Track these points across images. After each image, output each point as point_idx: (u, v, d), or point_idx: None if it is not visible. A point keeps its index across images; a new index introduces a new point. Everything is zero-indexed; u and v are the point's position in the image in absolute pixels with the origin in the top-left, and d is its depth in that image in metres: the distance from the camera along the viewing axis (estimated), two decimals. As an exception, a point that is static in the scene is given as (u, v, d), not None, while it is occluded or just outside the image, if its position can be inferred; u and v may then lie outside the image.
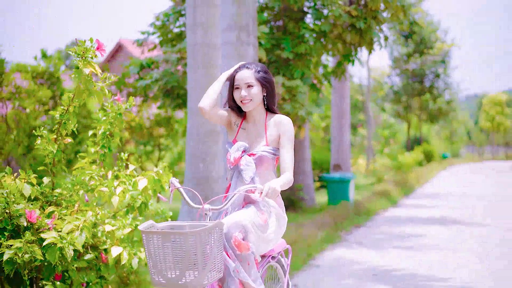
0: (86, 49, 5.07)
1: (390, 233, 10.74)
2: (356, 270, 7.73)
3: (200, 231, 3.29)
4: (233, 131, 4.12)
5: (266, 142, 3.97)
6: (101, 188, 5.21)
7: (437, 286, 6.88)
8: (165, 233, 3.34)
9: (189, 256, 3.31)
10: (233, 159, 3.95)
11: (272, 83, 4.03)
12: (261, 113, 4.07)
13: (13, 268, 4.58)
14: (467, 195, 17.95)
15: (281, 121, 3.99)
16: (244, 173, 3.92)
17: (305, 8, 11.76)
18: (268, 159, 3.96)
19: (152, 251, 3.39)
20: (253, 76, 3.97)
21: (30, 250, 4.59)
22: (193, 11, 8.13)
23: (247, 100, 3.95)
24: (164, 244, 3.35)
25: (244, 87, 3.95)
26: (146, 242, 3.40)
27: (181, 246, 3.32)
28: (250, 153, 3.97)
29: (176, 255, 3.34)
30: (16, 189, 4.86)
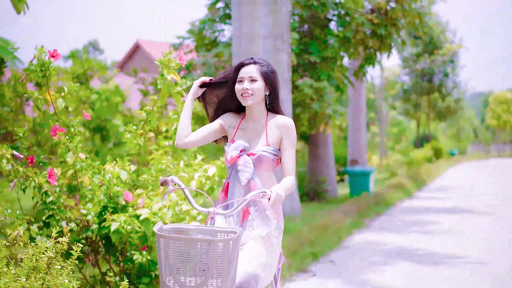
0: (170, 60, 6.19)
1: (408, 220, 11.86)
2: (382, 250, 8.82)
3: (230, 239, 3.13)
4: (230, 133, 3.92)
5: (267, 142, 3.79)
6: (182, 173, 6.30)
7: (454, 261, 7.97)
8: (191, 239, 3.13)
9: (216, 264, 3.13)
10: (230, 158, 3.75)
11: (276, 82, 3.85)
12: (262, 112, 3.87)
13: (118, 238, 5.69)
14: (476, 189, 19.07)
15: (285, 123, 3.81)
16: (240, 174, 3.72)
17: (330, 15, 12.83)
18: (268, 159, 3.78)
19: (171, 256, 3.17)
20: (259, 71, 3.79)
21: (131, 223, 5.69)
22: (239, 24, 9.21)
23: (248, 94, 3.76)
24: (189, 251, 3.14)
25: (247, 80, 3.77)
26: (165, 247, 3.17)
27: (207, 253, 3.13)
28: (250, 153, 3.78)
29: (200, 262, 3.15)
30: (115, 174, 5.96)
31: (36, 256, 4.27)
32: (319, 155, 14.72)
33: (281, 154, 3.80)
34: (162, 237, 3.18)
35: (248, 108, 3.88)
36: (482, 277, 7.15)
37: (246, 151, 3.79)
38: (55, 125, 6.14)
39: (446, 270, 7.52)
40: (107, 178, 5.91)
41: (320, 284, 6.92)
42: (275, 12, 9.88)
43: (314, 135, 14.44)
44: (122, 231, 5.62)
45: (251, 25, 9.15)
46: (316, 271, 7.50)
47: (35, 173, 5.99)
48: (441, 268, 7.63)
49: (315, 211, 11.88)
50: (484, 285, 6.78)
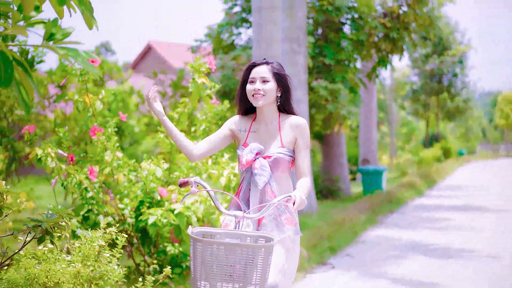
0: (200, 65, 6.63)
1: (421, 217, 12.27)
2: (397, 244, 9.24)
3: (270, 245, 3.05)
4: (242, 137, 3.82)
5: (281, 143, 3.71)
6: (211, 170, 6.74)
7: (467, 255, 8.39)
8: (231, 244, 3.03)
9: (256, 270, 3.06)
10: (245, 161, 3.63)
11: (288, 84, 3.76)
12: (274, 113, 3.79)
13: (155, 230, 6.13)
14: (485, 187, 19.46)
15: (299, 124, 3.74)
16: (257, 178, 3.61)
17: (343, 19, 13.25)
18: (284, 161, 3.69)
19: (208, 261, 3.06)
20: (271, 72, 3.72)
21: (167, 217, 6.14)
22: (258, 29, 9.64)
23: (260, 95, 3.67)
24: (227, 256, 3.04)
25: (259, 81, 3.69)
26: (202, 251, 3.06)
27: (248, 259, 3.04)
28: (265, 156, 3.68)
29: (239, 268, 3.06)
30: (152, 171, 6.41)
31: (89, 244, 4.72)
32: (332, 155, 15.20)
33: (295, 155, 3.73)
34: (199, 241, 3.05)
35: (259, 109, 3.79)
36: (492, 269, 7.57)
37: (261, 154, 3.69)
38: (94, 125, 6.61)
39: (458, 262, 7.93)
40: (144, 175, 6.37)
41: (338, 275, 7.33)
42: (292, 17, 10.31)
43: (328, 135, 14.91)
44: (158, 224, 6.07)
45: (270, 29, 9.58)
46: (335, 264, 7.92)
47: (76, 171, 6.45)
48: (453, 261, 8.04)
49: (330, 208, 12.30)
50: (494, 276, 7.19)
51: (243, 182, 3.72)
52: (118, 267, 4.76)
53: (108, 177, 6.68)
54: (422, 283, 6.89)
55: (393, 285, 6.82)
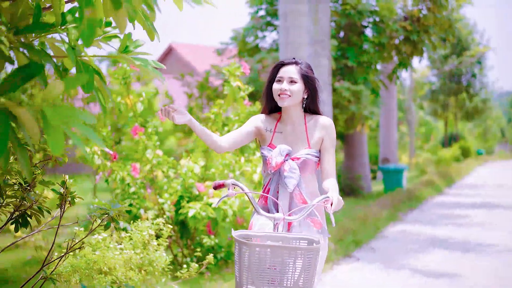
0: (235, 69, 7.10)
1: (440, 214, 12.67)
2: (418, 239, 9.65)
3: (318, 247, 3.00)
4: (267, 137, 3.77)
5: (309, 145, 3.67)
6: (245, 168, 7.21)
7: (485, 249, 8.79)
8: (280, 247, 2.95)
9: (304, 274, 3.00)
10: (275, 164, 3.56)
11: (316, 85, 3.72)
12: (300, 114, 3.74)
13: (195, 223, 6.61)
14: (504, 186, 19.76)
15: (326, 123, 3.71)
16: (287, 181, 3.56)
17: (365, 23, 13.67)
18: (312, 163, 3.65)
19: (255, 265, 2.98)
20: (299, 72, 3.66)
21: (206, 210, 6.61)
22: (285, 33, 10.09)
23: (286, 95, 3.62)
24: (275, 260, 2.96)
25: (287, 81, 3.64)
26: (249, 254, 2.98)
27: (296, 262, 2.98)
28: (293, 157, 3.64)
29: (287, 271, 2.99)
30: (191, 168, 6.89)
31: (139, 234, 5.21)
32: (354, 154, 15.68)
33: (321, 155, 3.70)
34: (246, 244, 2.97)
35: (285, 110, 3.74)
36: (509, 262, 7.96)
37: (289, 155, 3.63)
38: (135, 125, 7.11)
39: (476, 256, 8.34)
40: (183, 172, 6.87)
41: (363, 267, 7.77)
42: (317, 21, 10.75)
43: (350, 135, 15.38)
44: (197, 216, 6.55)
45: (296, 34, 10.02)
46: (359, 257, 8.36)
47: (119, 167, 6.96)
48: (471, 254, 8.45)
49: (353, 205, 12.73)
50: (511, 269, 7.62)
51: (271, 184, 3.65)
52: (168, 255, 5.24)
53: (148, 173, 7.16)
54: (442, 274, 7.31)
55: (414, 276, 7.24)
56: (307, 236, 3.24)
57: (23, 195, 3.78)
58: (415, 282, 6.94)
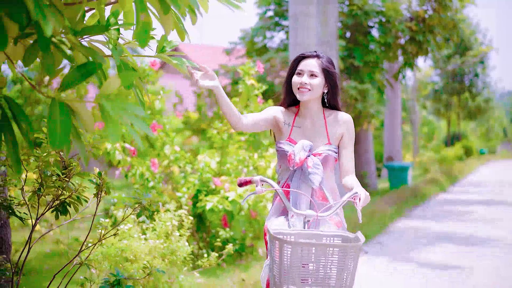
0: (250, 67, 7.39)
1: (445, 210, 12.97)
2: (424, 234, 9.94)
3: (361, 245, 2.92)
4: (285, 130, 3.67)
5: (328, 140, 3.61)
6: (259, 163, 7.50)
7: (488, 243, 9.08)
8: (322, 245, 2.88)
9: (347, 272, 2.92)
10: (298, 160, 3.48)
11: (336, 80, 3.63)
12: (319, 109, 3.67)
13: (212, 215, 6.89)
14: (506, 184, 20.04)
15: (346, 119, 3.66)
16: (312, 177, 3.48)
17: (371, 23, 13.97)
18: (332, 158, 3.60)
19: (295, 264, 2.90)
20: (320, 66, 3.57)
21: (222, 203, 6.90)
22: (295, 34, 10.38)
23: (306, 89, 3.54)
24: (318, 258, 2.89)
25: (307, 74, 3.55)
26: (291, 253, 2.89)
27: (338, 260, 2.90)
28: (315, 153, 3.57)
29: (330, 270, 2.92)
30: (208, 164, 7.18)
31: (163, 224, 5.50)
32: (360, 151, 15.99)
33: (340, 151, 3.66)
34: (287, 243, 2.88)
35: (304, 104, 3.67)
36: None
37: (311, 151, 3.56)
38: (153, 122, 7.40)
39: (481, 250, 8.62)
40: (200, 167, 7.16)
41: (371, 260, 8.05)
42: (324, 22, 11.05)
43: (356, 132, 15.67)
44: (215, 209, 6.84)
45: (305, 35, 10.32)
46: (368, 250, 8.64)
47: (139, 163, 7.24)
48: (476, 248, 8.73)
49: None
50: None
51: (293, 181, 3.56)
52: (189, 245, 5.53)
53: (165, 169, 7.46)
54: (447, 267, 7.58)
55: (421, 268, 7.51)
56: (340, 233, 3.18)
57: (62, 185, 4.07)
58: (421, 275, 7.21)
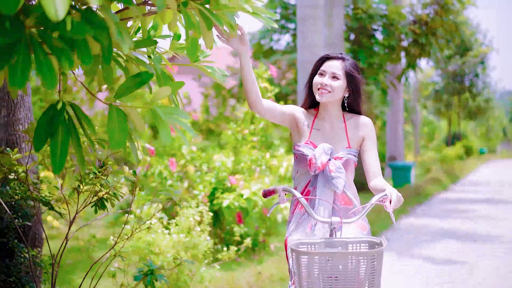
0: (263, 71, 7.74)
1: (447, 208, 13.34)
2: (428, 231, 10.30)
3: (381, 250, 2.87)
4: (304, 132, 3.58)
5: (349, 144, 3.53)
6: (272, 162, 7.86)
7: (490, 240, 9.44)
8: (340, 253, 2.86)
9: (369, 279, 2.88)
10: (320, 164, 3.38)
11: (359, 84, 3.55)
12: (339, 112, 3.58)
13: (228, 212, 7.24)
14: (507, 183, 20.42)
15: (365, 122, 3.58)
16: (336, 181, 3.39)
17: (376, 26, 14.33)
18: (352, 162, 3.51)
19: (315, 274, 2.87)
20: (343, 69, 3.48)
21: (238, 201, 7.25)
22: (302, 36, 10.72)
23: (326, 91, 3.45)
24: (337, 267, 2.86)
25: (329, 76, 3.46)
26: (308, 264, 2.86)
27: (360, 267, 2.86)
28: (335, 157, 3.47)
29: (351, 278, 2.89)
30: (224, 163, 7.53)
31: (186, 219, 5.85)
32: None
33: (364, 154, 3.56)
34: (304, 253, 2.85)
35: (323, 106, 3.58)
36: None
37: (331, 155, 3.47)
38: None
39: (484, 246, 8.98)
40: (217, 166, 7.52)
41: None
42: (331, 25, 11.40)
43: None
44: (231, 206, 7.19)
45: (313, 37, 10.67)
46: (374, 246, 8.99)
47: (157, 162, 7.59)
48: (479, 244, 9.09)
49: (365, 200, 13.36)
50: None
51: (316, 186, 3.47)
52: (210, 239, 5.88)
53: (182, 168, 7.81)
54: (451, 261, 7.94)
55: (425, 263, 7.87)
56: (367, 239, 3.12)
57: (100, 182, 4.42)
58: (427, 269, 7.57)
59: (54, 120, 2.31)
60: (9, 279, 4.73)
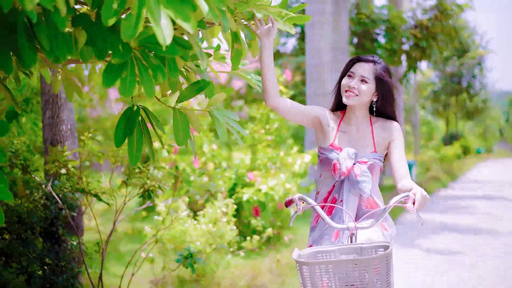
0: (279, 75, 8.31)
1: (448, 205, 13.97)
2: (431, 225, 10.91)
3: (385, 256, 2.76)
4: (328, 135, 3.51)
5: (375, 148, 3.45)
6: (287, 159, 8.44)
7: (490, 233, 10.06)
8: (340, 261, 2.77)
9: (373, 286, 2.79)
10: (345, 169, 3.32)
11: (389, 89, 3.45)
12: (365, 115, 3.50)
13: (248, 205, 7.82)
14: (504, 181, 21.09)
15: (392, 126, 3.49)
16: (363, 186, 3.31)
17: (378, 30, 14.94)
18: (377, 167, 3.43)
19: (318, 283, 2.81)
20: (373, 73, 3.40)
21: (257, 195, 7.83)
22: (310, 40, 11.34)
23: (353, 94, 3.38)
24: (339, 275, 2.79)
25: (357, 79, 3.39)
26: (310, 274, 2.81)
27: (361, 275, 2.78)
28: (360, 161, 3.39)
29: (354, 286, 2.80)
30: (243, 160, 8.11)
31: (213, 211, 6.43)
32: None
33: (391, 156, 3.45)
34: (305, 264, 2.81)
35: (350, 109, 3.51)
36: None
37: (356, 159, 3.39)
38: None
39: (483, 239, 9.59)
40: (237, 162, 8.11)
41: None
42: (337, 30, 12.01)
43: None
44: (250, 200, 7.77)
45: (320, 41, 11.28)
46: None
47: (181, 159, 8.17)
48: (478, 237, 9.70)
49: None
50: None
51: (341, 192, 3.39)
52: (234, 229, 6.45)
53: (203, 165, 8.39)
54: (451, 252, 8.52)
55: (427, 254, 8.46)
56: (383, 243, 3.02)
57: (147, 176, 5.01)
58: (430, 259, 8.14)
59: (130, 121, 2.80)
60: (60, 263, 5.29)
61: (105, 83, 2.55)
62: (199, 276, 6.05)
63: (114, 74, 2.57)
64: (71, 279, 5.31)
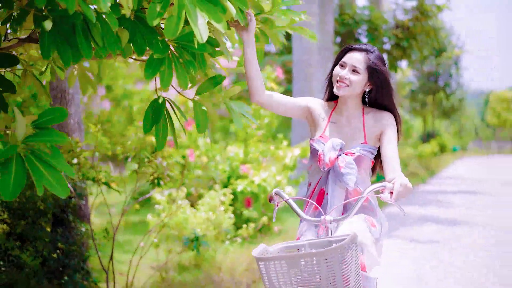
0: (270, 73, 8.71)
1: (428, 199, 14.53)
2: (415, 218, 11.41)
3: (337, 248, 2.63)
4: (319, 125, 3.41)
5: (365, 139, 3.31)
6: (278, 152, 8.83)
7: (467, 224, 10.59)
8: (293, 256, 2.68)
9: (327, 281, 2.68)
10: (328, 160, 3.21)
11: (384, 78, 3.29)
12: (358, 105, 3.37)
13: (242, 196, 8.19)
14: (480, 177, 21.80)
15: (383, 115, 3.33)
16: (347, 178, 3.18)
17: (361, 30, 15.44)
18: (367, 160, 3.29)
19: (274, 280, 2.74)
20: (365, 63, 3.26)
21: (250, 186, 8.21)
22: (299, 40, 11.75)
23: (344, 84, 3.25)
24: (294, 270, 2.71)
25: (349, 69, 3.25)
26: (266, 271, 2.74)
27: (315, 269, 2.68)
28: (347, 152, 3.26)
29: (310, 281, 2.70)
30: (237, 153, 8.50)
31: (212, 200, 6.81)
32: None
33: (381, 148, 3.28)
34: (261, 260, 2.74)
35: (342, 99, 3.38)
36: (489, 232, 9.80)
37: (342, 150, 3.26)
38: (188, 118, 8.69)
39: (462, 228, 10.11)
40: (231, 156, 8.49)
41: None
42: (323, 30, 12.46)
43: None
44: (244, 191, 8.16)
45: (308, 41, 11.71)
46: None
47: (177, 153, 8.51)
48: (458, 227, 10.21)
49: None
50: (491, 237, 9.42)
51: (329, 184, 3.27)
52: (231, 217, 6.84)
53: (198, 158, 8.75)
54: (432, 241, 9.01)
55: (410, 242, 8.93)
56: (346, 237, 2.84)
57: (157, 164, 5.38)
58: (411, 247, 8.61)
59: (156, 111, 3.11)
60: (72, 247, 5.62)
61: (147, 76, 2.91)
62: (198, 262, 6.41)
63: (154, 68, 2.93)
64: (81, 262, 5.65)
